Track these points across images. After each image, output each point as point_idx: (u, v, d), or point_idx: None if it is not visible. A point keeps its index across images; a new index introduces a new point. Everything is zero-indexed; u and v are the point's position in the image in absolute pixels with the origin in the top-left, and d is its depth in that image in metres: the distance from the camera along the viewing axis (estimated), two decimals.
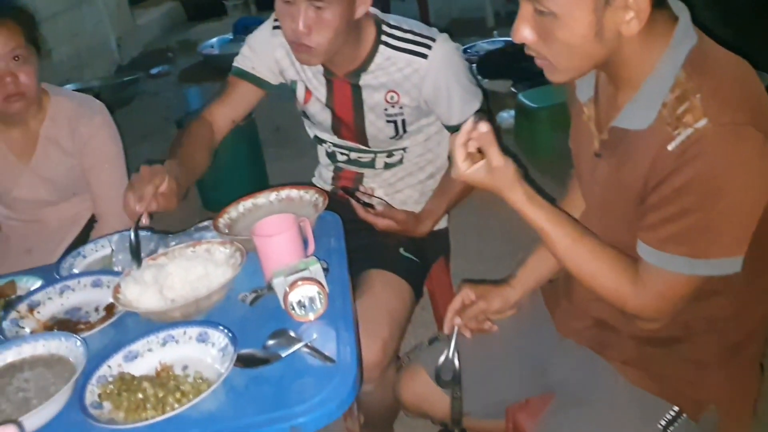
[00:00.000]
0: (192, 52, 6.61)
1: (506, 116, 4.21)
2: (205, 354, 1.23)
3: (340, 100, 1.79)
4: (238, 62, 1.84)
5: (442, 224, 1.97)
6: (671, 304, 1.17)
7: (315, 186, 1.66)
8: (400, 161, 1.89)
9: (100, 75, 6.00)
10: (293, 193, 1.66)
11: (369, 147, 1.86)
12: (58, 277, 1.55)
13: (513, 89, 4.32)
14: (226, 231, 1.54)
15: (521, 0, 1.11)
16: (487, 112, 1.81)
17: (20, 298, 1.47)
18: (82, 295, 1.47)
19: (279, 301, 1.30)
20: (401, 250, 1.82)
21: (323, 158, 2.00)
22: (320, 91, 1.80)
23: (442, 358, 1.50)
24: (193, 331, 1.25)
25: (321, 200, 1.59)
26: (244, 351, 1.20)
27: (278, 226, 1.41)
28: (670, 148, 1.05)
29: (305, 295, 1.27)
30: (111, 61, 6.48)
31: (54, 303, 1.46)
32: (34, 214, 1.99)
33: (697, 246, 1.09)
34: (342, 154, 1.92)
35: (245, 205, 1.64)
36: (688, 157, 1.04)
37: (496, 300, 1.54)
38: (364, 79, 1.74)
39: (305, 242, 1.46)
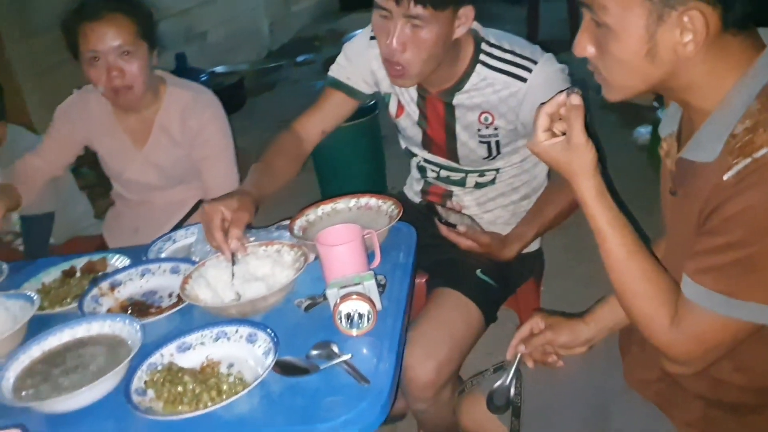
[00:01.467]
0: (338, 42, 6.77)
1: (643, 131, 3.98)
2: (250, 355, 1.25)
3: (432, 118, 1.76)
4: (334, 72, 1.85)
5: (533, 246, 1.89)
6: (703, 349, 1.06)
7: (393, 197, 1.64)
8: (492, 181, 1.83)
9: (251, 59, 6.31)
10: (372, 201, 1.66)
11: (460, 165, 1.81)
12: (144, 259, 1.64)
13: (655, 103, 4.06)
14: (300, 234, 1.57)
15: (584, 10, 1.05)
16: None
17: (105, 276, 1.57)
18: (161, 280, 1.56)
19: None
20: (478, 272, 1.76)
21: (414, 171, 1.98)
22: (412, 107, 1.78)
23: (497, 383, 1.44)
24: (245, 330, 1.28)
25: (396, 212, 1.58)
26: (287, 358, 1.21)
27: (344, 236, 1.41)
28: (725, 177, 0.96)
29: (355, 309, 1.27)
30: (262, 46, 6.80)
31: (134, 284, 1.55)
32: (143, 196, 2.12)
33: (737, 285, 0.98)
34: (432, 170, 1.89)
35: (324, 209, 1.65)
36: (742, 186, 0.94)
37: (565, 333, 1.46)
38: (458, 99, 1.69)
39: (372, 254, 1.45)
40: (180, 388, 1.16)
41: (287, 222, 1.65)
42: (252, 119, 5.28)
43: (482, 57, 1.65)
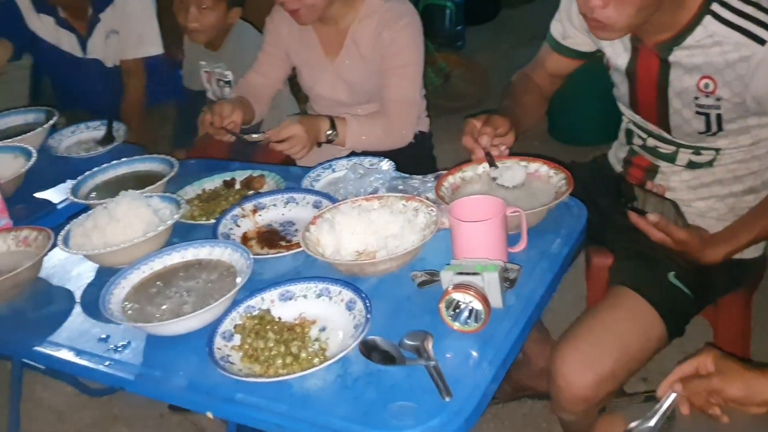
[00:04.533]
0: None
1: None
2: (344, 323, 1.15)
3: (643, 74, 1.43)
4: (552, 28, 1.66)
5: (751, 252, 1.51)
6: None
7: (568, 169, 1.37)
8: (710, 163, 1.47)
9: None
10: (543, 169, 1.41)
11: (672, 137, 1.48)
12: (295, 186, 1.59)
13: None
14: (449, 193, 1.39)
15: None
16: None
17: (256, 195, 1.54)
18: (302, 212, 1.49)
19: None
20: (671, 276, 1.45)
21: (621, 134, 1.66)
22: (622, 58, 1.46)
23: (635, 423, 1.19)
24: (347, 295, 1.18)
25: (564, 188, 1.32)
26: (378, 339, 1.08)
27: (483, 209, 1.21)
28: None
29: (466, 303, 1.09)
30: None
31: (276, 211, 1.51)
32: (329, 111, 2.05)
33: None
34: (639, 137, 1.57)
35: (485, 167, 1.44)
36: None
37: (737, 386, 1.14)
38: (676, 55, 1.35)
39: (517, 236, 1.24)
40: (261, 344, 1.10)
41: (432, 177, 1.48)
42: (502, 33, 4.99)
43: (715, 6, 1.28)
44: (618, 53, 1.47)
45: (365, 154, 1.78)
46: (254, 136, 1.80)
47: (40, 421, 2.22)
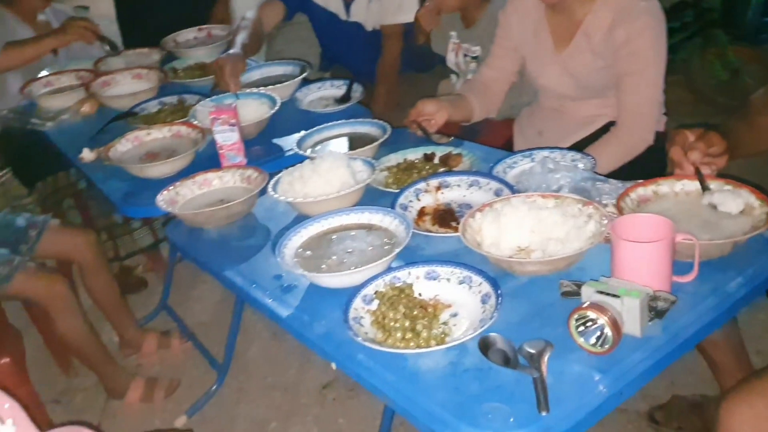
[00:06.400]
0: None
1: None
2: (475, 315, 1.16)
3: None
4: None
5: None
6: None
7: None
8: None
9: None
10: (747, 196, 1.24)
11: None
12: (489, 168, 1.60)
13: None
14: (633, 206, 1.30)
15: None
16: None
17: (446, 173, 1.59)
18: (482, 197, 1.50)
19: None
20: None
21: None
22: None
23: None
24: (485, 288, 1.18)
25: (764, 223, 1.16)
26: (499, 337, 1.07)
27: (651, 230, 1.12)
28: None
29: (597, 323, 1.03)
30: None
31: (459, 191, 1.54)
32: (553, 103, 2.00)
33: None
34: None
35: (684, 185, 1.31)
36: None
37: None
38: None
39: (688, 264, 1.13)
40: (391, 314, 1.16)
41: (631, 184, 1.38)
42: None
43: None
44: None
45: (572, 149, 1.72)
46: (440, 137, 1.83)
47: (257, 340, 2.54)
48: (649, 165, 1.83)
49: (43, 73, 2.61)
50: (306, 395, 2.25)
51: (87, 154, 2.00)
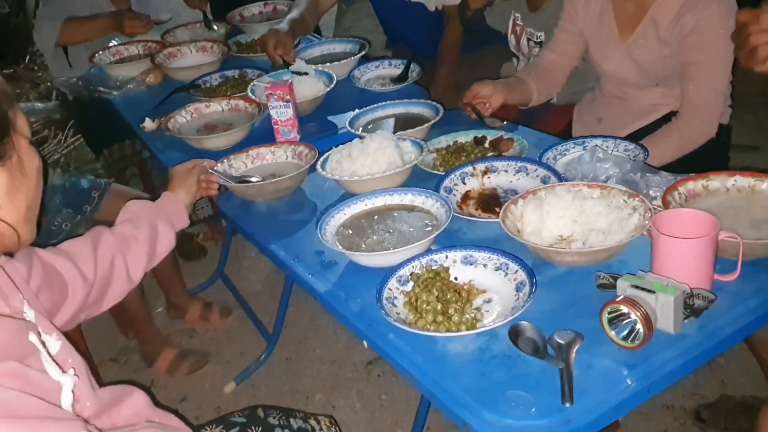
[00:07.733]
0: None
1: None
2: (507, 303, 1.15)
3: None
4: None
5: None
6: None
7: None
8: None
9: None
10: None
11: None
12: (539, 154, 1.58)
13: None
14: (680, 201, 1.27)
15: None
16: None
17: (494, 157, 1.57)
18: (529, 183, 1.49)
19: None
20: None
21: None
22: None
23: None
24: (521, 275, 1.18)
25: None
26: (528, 326, 1.07)
27: (695, 226, 1.09)
28: None
29: (629, 317, 1.01)
30: None
31: (505, 177, 1.53)
32: (615, 90, 1.94)
33: None
34: None
35: (737, 180, 1.27)
36: None
37: None
38: None
39: (731, 263, 1.10)
40: (424, 296, 1.16)
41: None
42: None
43: None
44: None
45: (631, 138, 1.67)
46: (493, 120, 1.81)
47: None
48: (710, 159, 1.78)
49: (113, 42, 2.70)
50: (352, 370, 2.29)
51: (149, 124, 2.07)
